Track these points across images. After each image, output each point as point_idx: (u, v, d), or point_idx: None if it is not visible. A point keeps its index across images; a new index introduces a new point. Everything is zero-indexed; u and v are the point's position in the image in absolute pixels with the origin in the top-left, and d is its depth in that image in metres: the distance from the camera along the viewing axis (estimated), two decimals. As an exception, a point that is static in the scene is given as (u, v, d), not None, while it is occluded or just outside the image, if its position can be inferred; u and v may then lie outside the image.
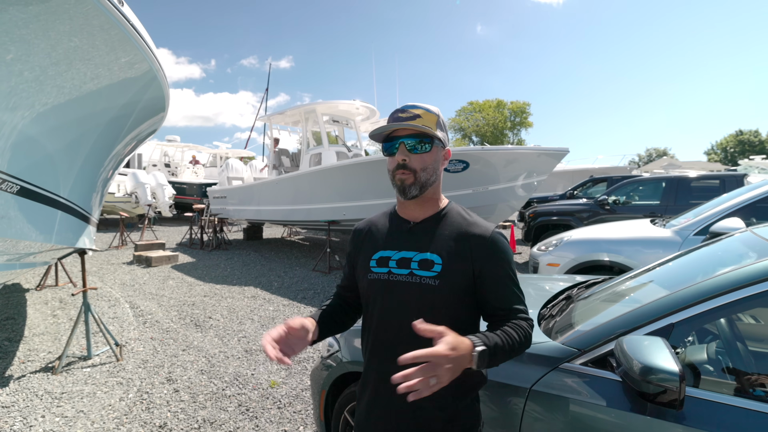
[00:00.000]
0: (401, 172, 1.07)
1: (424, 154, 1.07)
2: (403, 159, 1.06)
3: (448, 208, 1.15)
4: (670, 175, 7.86)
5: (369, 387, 1.14)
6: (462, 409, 1.08)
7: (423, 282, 1.04)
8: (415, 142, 1.06)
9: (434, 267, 1.05)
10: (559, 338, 1.57)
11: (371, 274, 1.12)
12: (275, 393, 3.11)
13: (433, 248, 1.07)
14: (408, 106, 1.10)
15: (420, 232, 1.11)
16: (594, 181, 12.42)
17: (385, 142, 1.10)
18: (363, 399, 1.16)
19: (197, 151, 21.62)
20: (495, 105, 44.29)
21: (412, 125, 1.05)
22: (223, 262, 8.45)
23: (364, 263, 1.15)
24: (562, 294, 2.26)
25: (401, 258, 1.08)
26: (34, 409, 2.85)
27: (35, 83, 1.99)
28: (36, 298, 5.62)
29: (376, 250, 1.14)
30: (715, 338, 1.49)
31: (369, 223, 1.24)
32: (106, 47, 2.17)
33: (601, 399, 1.28)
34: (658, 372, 1.07)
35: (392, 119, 1.10)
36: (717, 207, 3.90)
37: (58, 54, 1.98)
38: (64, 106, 2.26)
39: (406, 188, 1.07)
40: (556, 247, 4.50)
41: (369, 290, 1.13)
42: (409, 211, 1.14)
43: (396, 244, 1.12)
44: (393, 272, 1.08)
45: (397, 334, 1.06)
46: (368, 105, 9.26)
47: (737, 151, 46.87)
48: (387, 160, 1.12)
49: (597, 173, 16.25)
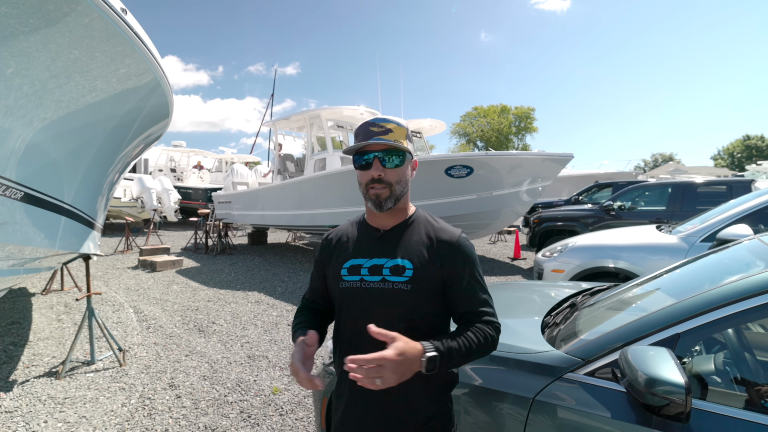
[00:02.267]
0: (376, 186, 1.09)
1: (398, 168, 1.10)
2: (378, 174, 1.09)
3: (416, 215, 1.19)
4: (676, 180, 7.79)
5: (344, 394, 1.15)
6: (435, 412, 1.11)
7: (395, 287, 1.07)
8: (389, 156, 1.09)
9: (405, 272, 1.08)
10: (563, 347, 1.55)
11: (343, 282, 1.13)
12: (277, 400, 3.10)
13: (404, 254, 1.10)
14: (379, 119, 1.12)
15: (390, 240, 1.14)
16: (599, 187, 12.36)
17: (357, 155, 1.12)
18: (339, 407, 1.18)
19: (203, 156, 21.78)
20: (499, 110, 44.32)
21: (386, 141, 1.08)
22: (228, 266, 8.46)
23: (335, 272, 1.16)
24: (567, 301, 2.24)
25: (373, 265, 1.11)
26: (37, 414, 2.85)
27: (39, 91, 2.01)
28: (41, 302, 5.65)
29: (347, 259, 1.15)
30: (722, 348, 1.46)
31: (338, 232, 1.25)
32: (109, 55, 2.19)
33: (605, 410, 1.25)
34: (663, 384, 1.05)
35: (364, 133, 1.11)
36: (724, 213, 3.86)
37: (62, 62, 2.00)
38: (68, 113, 2.28)
39: (382, 202, 1.10)
40: (561, 253, 4.47)
41: (341, 298, 1.14)
42: (380, 220, 1.17)
43: (367, 252, 1.14)
44: (365, 279, 1.10)
45: (370, 340, 1.04)
46: (372, 110, 9.29)
47: (744, 156, 46.44)
48: (357, 173, 1.14)
49: (602, 178, 16.19)
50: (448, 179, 6.49)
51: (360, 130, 1.13)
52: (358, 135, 1.13)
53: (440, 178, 6.49)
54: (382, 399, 1.06)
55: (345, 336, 1.15)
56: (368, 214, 1.21)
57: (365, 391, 0.98)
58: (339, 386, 1.19)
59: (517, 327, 1.87)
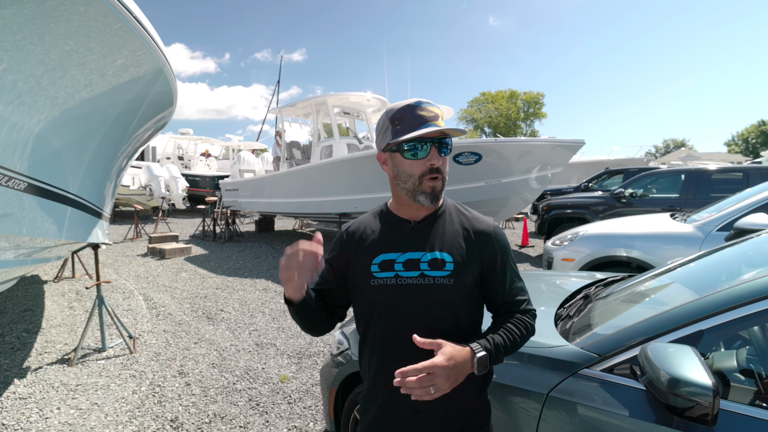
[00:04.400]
0: (434, 178, 1.00)
1: (448, 156, 1.04)
2: (438, 164, 0.99)
3: (445, 204, 1.11)
4: (689, 167, 7.61)
5: (378, 398, 1.07)
6: (477, 407, 1.08)
7: (437, 282, 1.00)
8: (444, 144, 1.00)
9: (446, 266, 1.01)
10: (578, 341, 1.50)
11: (374, 279, 1.03)
12: (285, 388, 3.11)
13: (441, 246, 1.03)
14: (424, 102, 0.99)
15: (422, 232, 1.05)
16: (609, 173, 12.16)
17: (406, 142, 0.98)
18: (370, 410, 1.10)
19: (210, 144, 21.78)
20: (508, 95, 43.58)
21: (449, 129, 0.98)
22: (236, 254, 8.50)
23: (363, 269, 1.05)
24: (580, 293, 2.18)
25: (408, 260, 1.02)
26: (50, 401, 2.89)
27: (39, 81, 1.97)
28: (53, 290, 5.72)
29: (376, 254, 1.05)
30: (745, 344, 1.40)
31: (360, 224, 1.14)
32: (111, 42, 2.14)
33: (623, 408, 1.21)
34: (688, 385, 1.00)
35: (413, 118, 0.98)
36: (742, 202, 3.74)
37: (62, 51, 1.94)
38: (70, 103, 2.24)
39: (438, 194, 1.03)
40: (571, 241, 4.39)
41: (372, 297, 1.05)
42: (410, 211, 1.08)
43: (398, 245, 1.05)
44: (401, 276, 1.02)
45: (410, 340, 0.98)
46: (379, 97, 9.16)
47: (759, 142, 45.30)
48: (405, 163, 1.01)
49: (612, 165, 15.93)
50: (456, 166, 6.40)
51: (404, 114, 0.99)
52: (402, 119, 0.99)
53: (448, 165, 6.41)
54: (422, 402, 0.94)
55: (378, 338, 1.06)
56: (397, 204, 1.10)
57: (403, 396, 0.92)
58: (371, 389, 1.09)
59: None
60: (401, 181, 1.03)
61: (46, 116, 2.14)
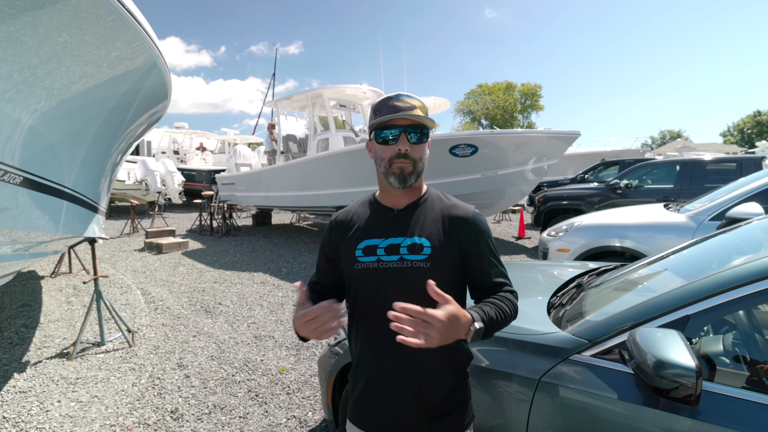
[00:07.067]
0: (402, 160, 1.08)
1: (422, 144, 1.10)
2: (405, 149, 1.07)
3: (428, 193, 1.18)
4: (684, 158, 7.65)
5: (364, 372, 1.14)
6: (456, 385, 1.12)
7: (414, 266, 1.07)
8: (415, 132, 1.08)
9: (424, 250, 1.07)
10: (569, 328, 1.54)
11: (358, 263, 1.11)
12: (284, 379, 3.15)
13: (420, 232, 1.10)
14: (402, 95, 1.10)
15: (404, 219, 1.13)
16: (606, 165, 12.20)
17: (380, 129, 1.09)
18: (357, 385, 1.17)
19: (206, 138, 21.61)
20: (505, 87, 43.39)
21: (415, 116, 1.05)
22: (233, 248, 8.51)
23: (348, 254, 1.13)
24: (573, 281, 2.22)
25: (389, 245, 1.09)
26: (50, 394, 2.92)
27: (32, 74, 1.96)
28: (51, 285, 5.73)
29: (360, 239, 1.13)
30: (731, 329, 1.44)
31: (347, 213, 1.23)
32: (104, 35, 2.13)
33: (612, 392, 1.25)
34: (672, 367, 1.03)
35: (388, 108, 1.08)
36: (734, 191, 3.78)
37: (56, 42, 1.94)
38: (64, 96, 2.24)
39: (407, 176, 1.09)
40: (566, 232, 4.43)
41: (357, 280, 1.12)
42: (394, 199, 1.15)
43: (381, 231, 1.12)
44: (382, 260, 1.09)
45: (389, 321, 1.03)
46: (375, 89, 9.12)
47: (755, 132, 45.46)
48: (379, 148, 1.10)
49: (609, 156, 15.97)
50: (453, 158, 6.41)
51: (382, 104, 1.10)
52: (380, 110, 1.10)
53: (444, 158, 6.40)
54: (403, 374, 1.08)
55: (363, 318, 1.13)
56: (382, 193, 1.19)
57: (386, 367, 1.07)
58: (357, 366, 1.17)
59: (523, 308, 1.83)
60: (378, 167, 1.13)
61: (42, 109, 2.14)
